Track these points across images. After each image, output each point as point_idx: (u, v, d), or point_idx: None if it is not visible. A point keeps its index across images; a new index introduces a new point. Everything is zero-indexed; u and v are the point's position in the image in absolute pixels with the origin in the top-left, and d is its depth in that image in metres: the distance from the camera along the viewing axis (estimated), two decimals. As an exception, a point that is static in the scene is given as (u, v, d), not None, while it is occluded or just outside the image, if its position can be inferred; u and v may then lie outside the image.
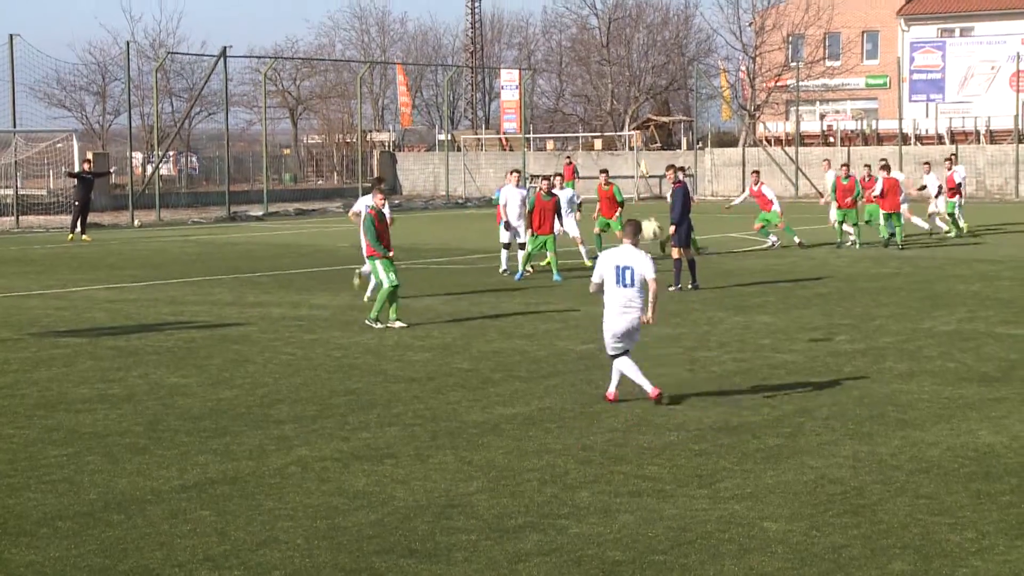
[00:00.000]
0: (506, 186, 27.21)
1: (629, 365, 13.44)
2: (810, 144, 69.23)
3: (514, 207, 26.60)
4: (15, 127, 48.48)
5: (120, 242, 38.83)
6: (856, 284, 24.74)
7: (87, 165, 42.42)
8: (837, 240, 33.15)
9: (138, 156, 68.96)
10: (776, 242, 33.27)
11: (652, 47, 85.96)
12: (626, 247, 13.53)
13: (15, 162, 49.14)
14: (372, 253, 19.63)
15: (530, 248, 26.03)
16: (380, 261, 19.49)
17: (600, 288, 13.54)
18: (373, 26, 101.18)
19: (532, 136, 75.81)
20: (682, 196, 24.10)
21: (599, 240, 29.09)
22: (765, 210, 32.52)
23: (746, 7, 76.71)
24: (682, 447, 11.59)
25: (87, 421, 12.92)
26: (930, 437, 11.92)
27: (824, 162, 40.91)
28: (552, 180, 26.77)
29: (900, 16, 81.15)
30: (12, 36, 47.78)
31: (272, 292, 24.38)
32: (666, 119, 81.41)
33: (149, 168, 62.15)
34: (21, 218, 47.87)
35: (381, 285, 19.54)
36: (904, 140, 65.20)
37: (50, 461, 11.26)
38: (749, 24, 76.24)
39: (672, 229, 23.80)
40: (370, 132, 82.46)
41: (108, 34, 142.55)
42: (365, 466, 11.01)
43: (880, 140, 69.12)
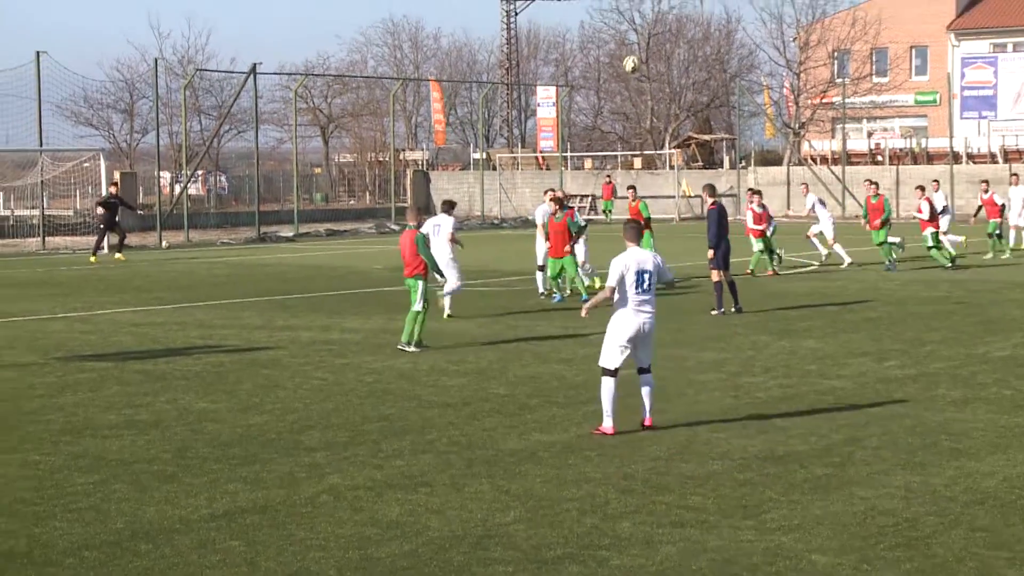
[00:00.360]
0: (542, 205, 27.39)
1: (609, 388, 13.23)
2: (857, 163, 69.10)
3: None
4: (41, 146, 48.79)
5: (148, 263, 39.04)
6: (906, 308, 24.59)
7: (114, 188, 42.48)
8: (885, 261, 32.98)
9: (166, 175, 69.35)
10: (824, 255, 34.48)
11: (693, 63, 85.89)
12: (636, 250, 13.53)
13: (41, 182, 49.43)
14: (422, 272, 19.77)
15: (549, 272, 26.33)
16: (423, 282, 19.68)
17: (616, 291, 13.45)
18: (406, 42, 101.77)
19: (569, 154, 75.91)
20: (717, 217, 24.06)
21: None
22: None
23: (790, 22, 76.78)
24: (726, 476, 11.52)
25: (114, 447, 12.95)
26: (986, 467, 11.81)
27: (802, 186, 41.14)
28: (560, 198, 26.60)
29: (950, 31, 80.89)
30: (39, 53, 48.04)
31: (303, 315, 24.42)
32: (708, 137, 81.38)
33: (177, 188, 62.57)
34: (47, 239, 48.26)
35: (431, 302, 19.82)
36: (955, 159, 64.93)
37: (76, 489, 11.29)
38: (793, 39, 76.18)
39: (711, 253, 23.84)
40: (403, 151, 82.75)
41: (136, 51, 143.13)
42: (399, 495, 10.99)
43: (930, 159, 68.88)
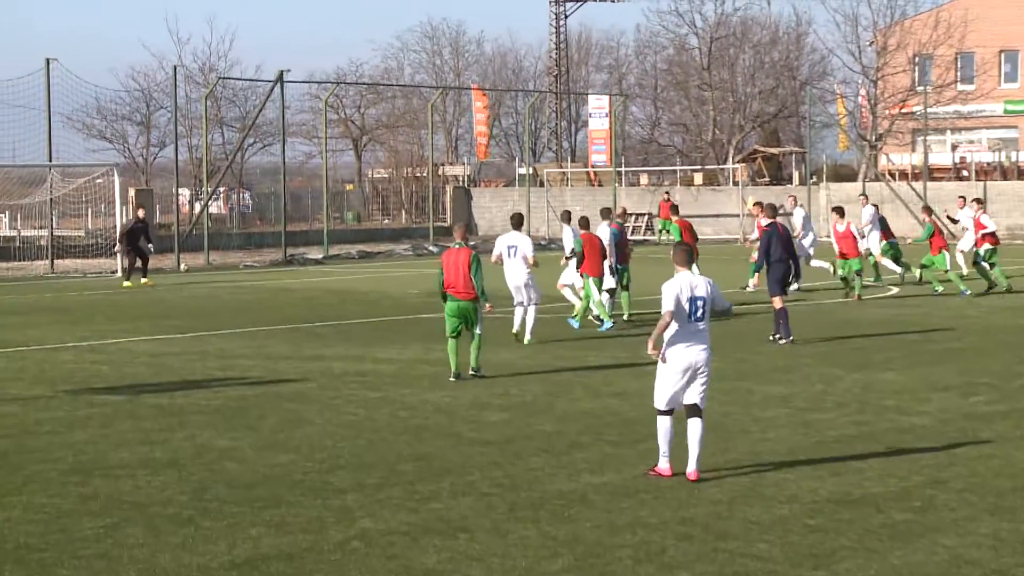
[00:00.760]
0: (600, 225, 27.54)
1: (666, 427, 13.11)
2: (940, 178, 68.68)
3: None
4: (51, 161, 49.05)
5: (164, 288, 39.26)
6: (994, 337, 24.44)
7: (141, 212, 42.22)
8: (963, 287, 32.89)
9: (185, 193, 69.85)
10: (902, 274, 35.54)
11: (759, 69, 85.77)
12: (688, 274, 13.33)
13: (50, 200, 49.63)
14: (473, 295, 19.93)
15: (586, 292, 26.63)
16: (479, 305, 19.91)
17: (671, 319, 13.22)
18: (446, 47, 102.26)
19: (624, 169, 75.92)
20: (769, 238, 23.99)
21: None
22: (847, 253, 31.58)
23: (866, 24, 76.36)
24: (795, 522, 11.47)
25: (126, 489, 13.01)
26: (1082, 513, 11.72)
27: (791, 198, 41.11)
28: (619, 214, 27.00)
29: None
30: (48, 60, 48.41)
31: (333, 344, 24.50)
32: (775, 150, 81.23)
33: (197, 206, 62.89)
34: (56, 262, 48.53)
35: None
36: (1049, 173, 64.63)
37: (85, 534, 11.34)
38: (870, 43, 75.87)
39: (755, 279, 23.89)
40: (442, 165, 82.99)
41: (153, 58, 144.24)
42: (436, 541, 10.99)
43: (1020, 174, 68.45)
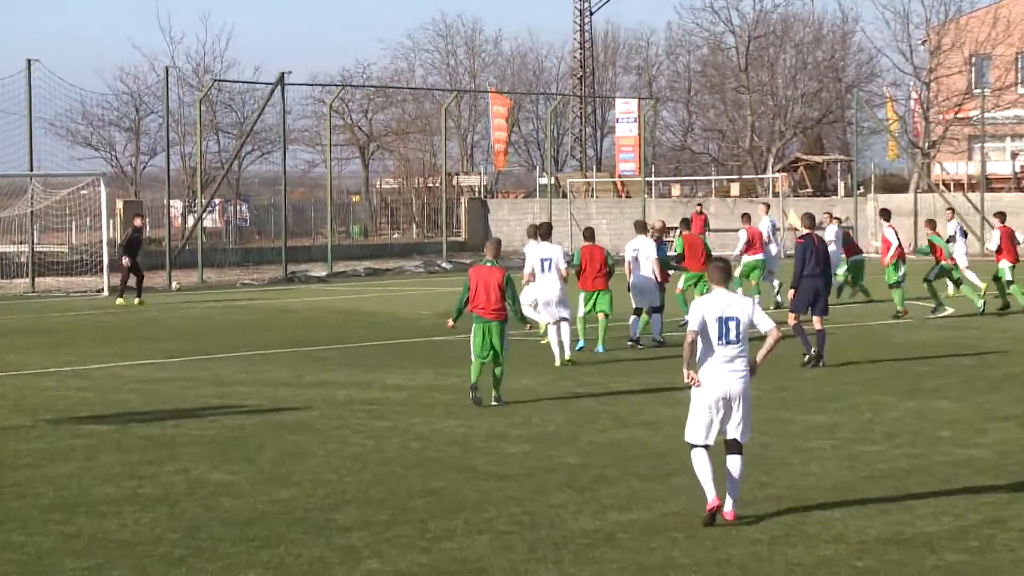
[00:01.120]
0: (637, 238, 27.64)
1: (702, 462, 12.92)
2: (999, 189, 68.57)
3: (646, 263, 27.04)
4: (32, 170, 48.97)
5: (155, 308, 39.32)
6: (1058, 362, 24.41)
7: (139, 220, 42.18)
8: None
9: (177, 205, 69.86)
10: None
11: (802, 71, 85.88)
12: (722, 292, 13.25)
13: (31, 213, 49.56)
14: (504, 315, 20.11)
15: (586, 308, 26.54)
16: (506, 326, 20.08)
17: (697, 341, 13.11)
18: (461, 47, 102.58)
19: (654, 179, 75.97)
20: (803, 252, 24.04)
21: (682, 299, 29.96)
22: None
23: (918, 21, 76.35)
24: (841, 564, 11.45)
25: (112, 527, 13.01)
26: None
27: (762, 205, 41.38)
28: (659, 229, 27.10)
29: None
30: (30, 61, 48.37)
31: (337, 369, 24.52)
32: (819, 159, 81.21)
33: (190, 219, 63.00)
34: (37, 279, 48.52)
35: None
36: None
37: (67, 575, 11.34)
38: (922, 42, 75.88)
39: (791, 293, 24.01)
40: (456, 175, 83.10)
41: (143, 58, 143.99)
42: (449, 584, 10.99)
43: (1085, 184, 68.39)
